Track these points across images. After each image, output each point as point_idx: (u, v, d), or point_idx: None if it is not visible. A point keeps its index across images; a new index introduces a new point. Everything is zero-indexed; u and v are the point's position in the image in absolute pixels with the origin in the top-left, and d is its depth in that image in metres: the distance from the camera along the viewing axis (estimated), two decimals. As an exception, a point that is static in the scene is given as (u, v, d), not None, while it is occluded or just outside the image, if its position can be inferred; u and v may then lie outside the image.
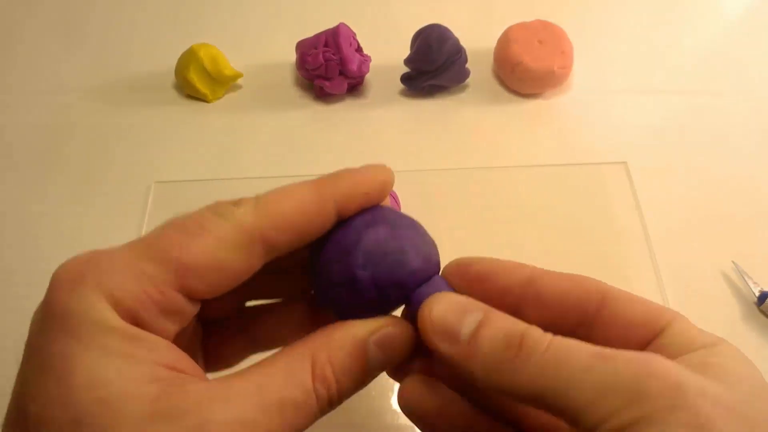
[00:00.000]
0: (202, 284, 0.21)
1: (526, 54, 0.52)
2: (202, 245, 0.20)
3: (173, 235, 0.21)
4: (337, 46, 0.51)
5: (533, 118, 0.53)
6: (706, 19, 0.60)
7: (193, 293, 0.21)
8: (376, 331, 0.22)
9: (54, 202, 0.49)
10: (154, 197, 0.49)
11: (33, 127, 0.53)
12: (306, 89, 0.55)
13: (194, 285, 0.20)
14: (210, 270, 0.21)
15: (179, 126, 0.53)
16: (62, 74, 0.57)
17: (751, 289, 0.43)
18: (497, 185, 0.49)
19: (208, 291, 0.21)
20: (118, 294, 0.19)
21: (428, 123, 0.53)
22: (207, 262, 0.20)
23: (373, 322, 0.22)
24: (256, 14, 0.61)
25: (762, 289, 0.43)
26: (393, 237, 0.23)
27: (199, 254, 0.20)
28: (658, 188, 0.49)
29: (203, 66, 0.52)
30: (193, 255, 0.20)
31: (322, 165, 0.50)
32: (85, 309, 0.19)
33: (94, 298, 0.19)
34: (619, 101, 0.54)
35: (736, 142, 0.51)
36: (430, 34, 0.51)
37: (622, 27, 0.60)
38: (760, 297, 0.42)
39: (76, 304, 0.19)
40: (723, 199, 0.48)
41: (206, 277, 0.21)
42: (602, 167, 0.50)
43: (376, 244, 0.23)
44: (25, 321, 0.22)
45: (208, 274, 0.21)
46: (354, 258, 0.22)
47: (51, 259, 0.45)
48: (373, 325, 0.22)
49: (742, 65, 0.57)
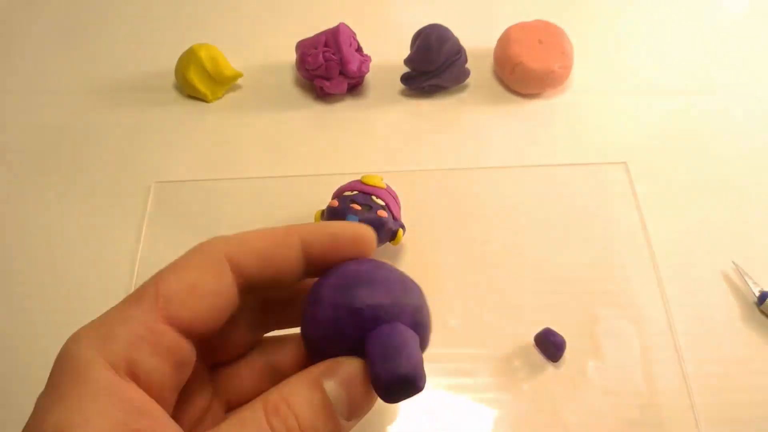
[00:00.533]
0: (184, 310, 0.22)
1: (526, 54, 0.52)
2: (173, 276, 0.22)
3: (150, 279, 0.22)
4: (337, 46, 0.51)
5: (533, 118, 0.53)
6: (706, 19, 0.60)
7: (181, 323, 0.21)
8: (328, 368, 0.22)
9: (54, 202, 0.49)
10: (154, 197, 0.49)
11: (33, 126, 0.53)
12: (306, 89, 0.55)
13: (178, 313, 0.21)
14: (187, 294, 0.22)
15: (179, 126, 0.53)
16: (62, 74, 0.57)
17: (751, 289, 0.43)
18: (497, 185, 0.49)
19: (192, 317, 0.22)
20: (107, 344, 0.20)
21: (428, 123, 0.53)
22: (182, 287, 0.22)
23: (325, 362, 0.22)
24: (256, 14, 0.61)
25: (762, 289, 0.43)
26: (369, 272, 0.23)
27: (172, 282, 0.22)
28: (658, 188, 0.49)
29: (203, 66, 0.52)
30: (168, 283, 0.22)
31: (322, 165, 0.50)
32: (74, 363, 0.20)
33: (83, 352, 0.20)
34: (619, 101, 0.54)
35: (737, 142, 0.51)
36: (430, 34, 0.51)
37: (622, 27, 0.60)
38: (760, 297, 0.42)
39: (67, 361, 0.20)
40: (723, 199, 0.48)
41: (186, 303, 0.22)
42: (602, 167, 0.50)
43: (351, 275, 0.23)
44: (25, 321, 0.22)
45: (187, 298, 0.22)
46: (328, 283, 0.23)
47: (51, 259, 0.46)
48: (324, 364, 0.22)
49: (742, 65, 0.57)
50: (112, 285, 0.44)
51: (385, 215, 0.42)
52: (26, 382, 0.40)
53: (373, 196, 0.42)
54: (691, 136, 0.52)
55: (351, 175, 0.45)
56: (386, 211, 0.42)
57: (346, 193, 0.43)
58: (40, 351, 0.41)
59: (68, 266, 0.45)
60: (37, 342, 0.42)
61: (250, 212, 0.48)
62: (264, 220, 0.47)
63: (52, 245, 0.46)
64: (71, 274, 0.45)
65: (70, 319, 0.25)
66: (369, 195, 0.42)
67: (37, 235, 0.47)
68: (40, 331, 0.42)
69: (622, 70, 0.56)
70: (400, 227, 0.43)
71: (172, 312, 0.21)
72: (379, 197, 0.42)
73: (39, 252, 0.46)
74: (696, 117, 0.53)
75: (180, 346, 0.22)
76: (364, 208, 0.42)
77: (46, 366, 0.21)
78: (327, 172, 0.49)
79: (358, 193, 0.43)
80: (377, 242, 0.43)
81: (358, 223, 0.26)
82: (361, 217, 0.41)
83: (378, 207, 0.42)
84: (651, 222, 0.46)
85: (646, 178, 0.49)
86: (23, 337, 0.42)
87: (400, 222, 0.44)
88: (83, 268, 0.45)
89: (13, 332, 0.43)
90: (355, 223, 0.26)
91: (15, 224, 0.48)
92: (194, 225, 0.47)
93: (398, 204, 0.45)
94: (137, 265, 0.45)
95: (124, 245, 0.46)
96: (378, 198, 0.42)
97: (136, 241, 0.46)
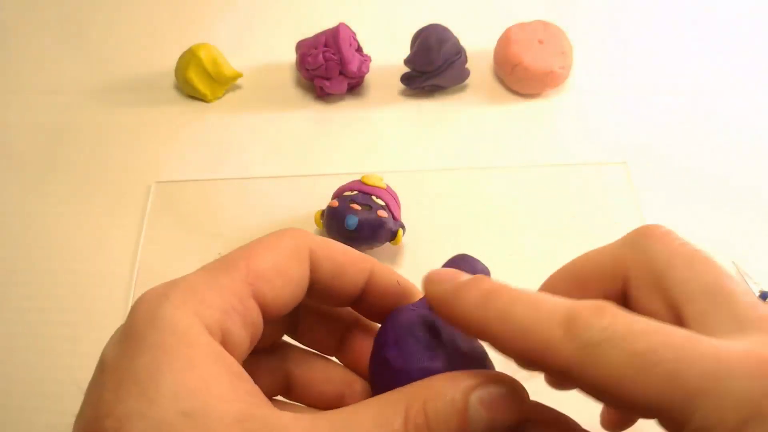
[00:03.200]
0: (271, 290, 0.22)
1: (526, 54, 0.52)
2: (264, 254, 0.22)
3: (238, 252, 0.22)
4: (337, 46, 0.51)
5: (533, 118, 0.53)
6: (707, 18, 0.60)
7: (264, 301, 0.21)
8: (480, 385, 0.20)
9: (54, 202, 0.49)
10: (155, 197, 0.49)
11: (34, 126, 0.53)
12: (306, 89, 0.55)
13: (265, 291, 0.21)
14: (275, 275, 0.22)
15: (179, 126, 0.53)
16: (62, 74, 0.57)
17: (751, 289, 0.43)
18: (497, 185, 0.49)
19: (275, 298, 0.22)
20: (203, 308, 0.20)
21: (428, 123, 0.53)
22: (272, 267, 0.22)
23: (478, 375, 0.20)
24: (256, 14, 0.61)
25: (762, 289, 0.43)
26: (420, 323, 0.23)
27: (263, 261, 0.22)
28: (659, 188, 0.49)
29: (203, 66, 0.52)
30: (260, 262, 0.22)
31: (322, 165, 0.50)
32: (172, 324, 0.19)
33: (180, 314, 0.19)
34: (619, 101, 0.54)
35: (737, 143, 0.51)
36: (430, 35, 0.51)
37: (622, 27, 0.60)
38: (760, 297, 0.42)
39: (161, 320, 0.19)
40: (723, 199, 0.48)
41: (273, 283, 0.22)
42: (602, 167, 0.50)
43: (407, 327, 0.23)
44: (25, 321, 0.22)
45: (274, 278, 0.22)
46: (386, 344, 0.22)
47: (52, 259, 0.45)
48: (477, 379, 0.20)
49: (742, 65, 0.57)
50: (112, 284, 0.44)
51: (385, 215, 0.42)
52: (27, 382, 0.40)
53: (373, 196, 0.42)
54: (691, 136, 0.52)
55: (351, 174, 0.45)
56: (386, 211, 0.42)
57: (346, 193, 0.43)
58: (41, 351, 0.42)
59: (69, 265, 0.45)
60: (37, 342, 0.42)
61: (250, 212, 0.48)
62: (264, 220, 0.47)
63: (52, 245, 0.46)
64: (72, 273, 0.45)
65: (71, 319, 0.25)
66: (369, 195, 0.42)
67: (38, 234, 0.47)
68: (41, 330, 0.42)
69: (622, 70, 0.56)
70: (400, 227, 0.43)
71: (261, 289, 0.21)
72: (380, 197, 0.43)
73: (40, 251, 0.46)
74: (696, 117, 0.53)
75: (260, 323, 0.22)
76: (364, 208, 0.42)
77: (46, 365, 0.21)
78: (327, 172, 0.49)
79: (358, 193, 0.43)
80: (377, 242, 0.43)
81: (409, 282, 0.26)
82: (361, 216, 0.41)
83: (378, 207, 0.42)
84: (651, 221, 0.46)
85: (647, 178, 0.49)
86: (24, 337, 0.42)
87: (400, 222, 0.44)
88: (84, 267, 0.45)
89: (14, 332, 0.43)
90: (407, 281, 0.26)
91: (16, 224, 0.48)
92: (194, 225, 0.47)
93: (398, 204, 0.45)
94: (137, 264, 0.45)
95: (124, 244, 0.46)
96: (378, 198, 0.42)
97: (136, 241, 0.46)
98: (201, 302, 0.20)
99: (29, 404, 0.38)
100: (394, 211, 0.43)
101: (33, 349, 0.41)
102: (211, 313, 0.20)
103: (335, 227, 0.42)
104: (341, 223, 0.41)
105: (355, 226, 0.41)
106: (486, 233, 0.46)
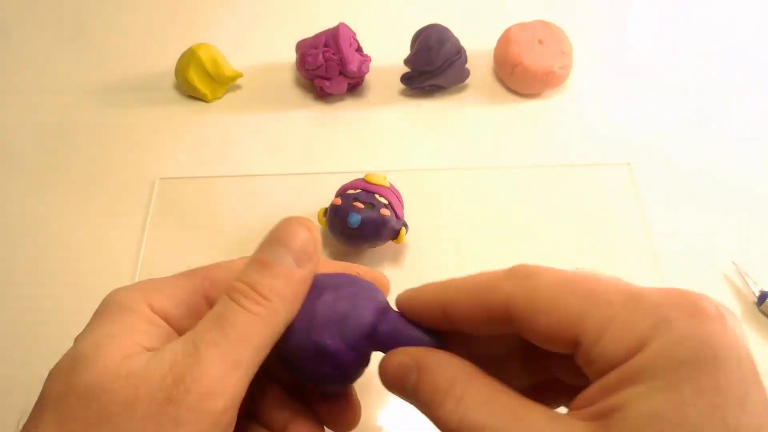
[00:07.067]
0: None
1: (526, 54, 0.52)
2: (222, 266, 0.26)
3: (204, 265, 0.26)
4: (337, 46, 0.51)
5: (533, 118, 0.53)
6: (707, 18, 0.60)
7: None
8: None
9: (55, 202, 0.49)
10: (158, 194, 0.49)
11: (35, 126, 0.53)
12: (306, 89, 0.55)
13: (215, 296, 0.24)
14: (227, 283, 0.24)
15: (179, 126, 0.53)
16: (62, 74, 0.57)
17: (751, 289, 0.43)
18: (497, 185, 0.49)
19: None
20: (151, 293, 0.24)
21: (428, 123, 0.53)
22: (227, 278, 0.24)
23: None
24: (256, 14, 0.61)
25: (762, 289, 0.43)
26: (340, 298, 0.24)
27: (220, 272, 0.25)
28: (660, 189, 0.49)
29: (203, 66, 0.52)
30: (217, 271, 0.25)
31: (321, 164, 0.50)
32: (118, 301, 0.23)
33: (129, 294, 0.24)
34: (619, 101, 0.54)
35: (738, 143, 0.51)
36: (430, 35, 0.51)
37: (622, 27, 0.60)
38: (760, 297, 0.42)
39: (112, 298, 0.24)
40: (724, 200, 0.48)
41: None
42: (605, 168, 0.50)
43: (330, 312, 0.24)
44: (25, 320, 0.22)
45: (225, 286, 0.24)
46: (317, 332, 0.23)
47: (54, 259, 0.45)
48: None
49: (744, 65, 0.57)
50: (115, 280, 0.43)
51: (388, 214, 0.42)
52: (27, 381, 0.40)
53: (376, 194, 0.42)
54: (693, 136, 0.52)
55: (351, 174, 0.45)
56: (389, 209, 0.42)
57: (350, 191, 0.43)
58: (42, 349, 0.42)
59: (73, 262, 0.45)
60: (39, 339, 0.42)
61: (253, 209, 0.48)
62: (267, 217, 0.47)
63: (56, 242, 0.46)
64: (75, 270, 0.45)
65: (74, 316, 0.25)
66: (372, 193, 0.42)
67: (40, 233, 0.47)
68: (44, 328, 0.42)
69: (622, 70, 0.56)
70: (403, 226, 0.43)
71: (210, 294, 0.24)
72: (383, 196, 0.42)
73: (42, 251, 0.46)
74: (697, 118, 0.53)
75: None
76: (367, 206, 0.42)
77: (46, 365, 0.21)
78: (328, 171, 0.49)
79: (362, 191, 0.43)
80: (379, 240, 0.43)
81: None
82: (364, 215, 0.41)
83: (381, 205, 0.42)
84: (653, 222, 0.47)
85: (649, 179, 0.49)
86: (26, 335, 0.42)
87: (402, 221, 0.43)
88: (87, 264, 0.45)
89: (17, 330, 0.43)
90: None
91: (17, 223, 0.48)
92: (197, 222, 0.47)
93: (401, 203, 0.45)
94: (141, 260, 0.45)
95: (127, 241, 0.46)
96: (381, 196, 0.42)
97: (139, 239, 0.46)
98: (151, 289, 0.24)
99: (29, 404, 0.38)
100: (397, 209, 0.43)
101: (35, 347, 0.41)
102: (158, 297, 0.24)
103: (338, 225, 0.42)
104: (344, 221, 0.41)
105: (357, 224, 0.41)
106: (488, 233, 0.46)
